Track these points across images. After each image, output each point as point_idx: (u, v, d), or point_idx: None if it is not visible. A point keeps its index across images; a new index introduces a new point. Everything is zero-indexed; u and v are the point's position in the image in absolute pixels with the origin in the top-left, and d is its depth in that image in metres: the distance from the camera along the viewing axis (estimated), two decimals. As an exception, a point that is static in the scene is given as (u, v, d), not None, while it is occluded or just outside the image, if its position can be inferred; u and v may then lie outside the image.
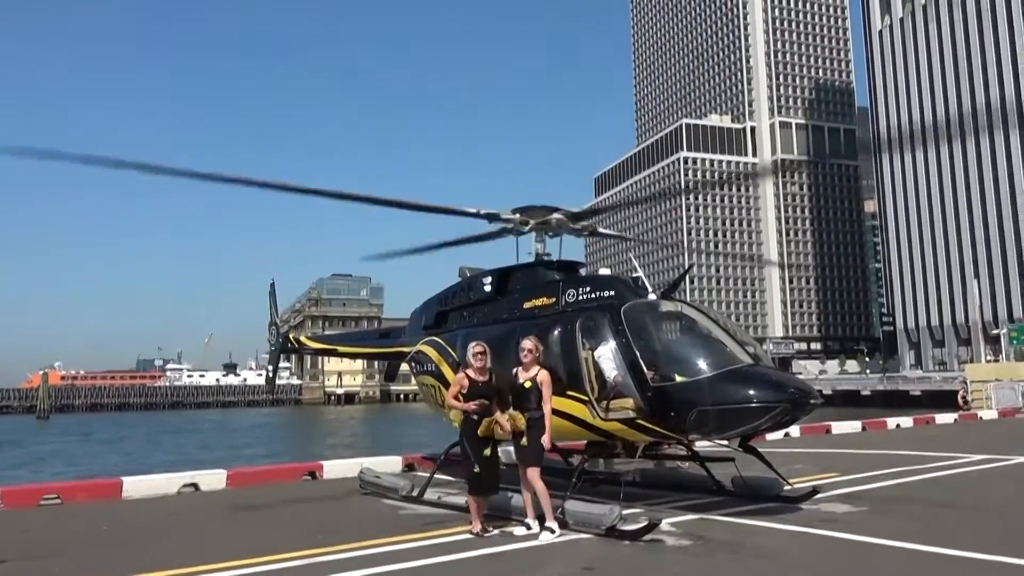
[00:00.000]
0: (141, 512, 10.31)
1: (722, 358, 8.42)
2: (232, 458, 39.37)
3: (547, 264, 10.99)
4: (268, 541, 7.88)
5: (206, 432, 66.16)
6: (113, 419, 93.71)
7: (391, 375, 15.62)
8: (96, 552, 7.81)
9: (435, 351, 11.72)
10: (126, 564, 6.96)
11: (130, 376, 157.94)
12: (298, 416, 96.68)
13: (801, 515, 8.64)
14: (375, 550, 7.38)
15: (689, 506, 9.34)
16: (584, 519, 7.91)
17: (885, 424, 22.75)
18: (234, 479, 12.41)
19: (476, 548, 7.31)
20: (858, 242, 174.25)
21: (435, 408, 12.07)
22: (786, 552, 6.96)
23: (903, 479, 11.54)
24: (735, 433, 8.50)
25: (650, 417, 8.38)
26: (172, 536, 8.65)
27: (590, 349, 9.00)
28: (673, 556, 6.88)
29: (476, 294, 11.51)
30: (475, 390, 7.96)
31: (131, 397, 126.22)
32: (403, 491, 10.38)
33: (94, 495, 11.54)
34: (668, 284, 9.55)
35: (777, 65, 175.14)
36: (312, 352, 16.52)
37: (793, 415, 8.10)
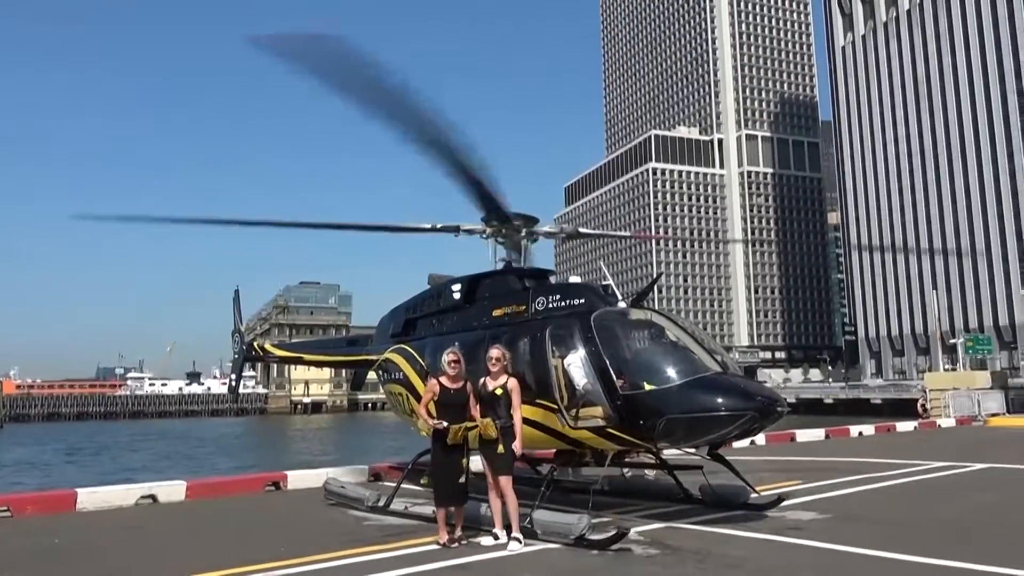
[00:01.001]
0: (96, 525, 9.98)
1: (691, 366, 8.42)
2: (194, 469, 38.59)
3: (517, 272, 10.93)
4: (229, 554, 7.67)
5: (168, 441, 64.75)
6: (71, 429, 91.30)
7: (358, 384, 15.41)
8: (47, 568, 7.52)
9: (403, 359, 11.59)
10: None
11: (89, 385, 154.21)
12: (264, 426, 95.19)
13: (767, 523, 8.67)
14: (338, 562, 7.22)
15: (657, 514, 9.31)
16: (553, 528, 7.84)
17: (848, 432, 23.06)
18: (194, 490, 12.09)
19: (442, 559, 7.19)
20: (821, 253, 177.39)
21: (403, 416, 11.95)
22: (753, 560, 6.95)
23: (867, 486, 11.67)
24: (704, 441, 8.50)
25: (619, 425, 8.34)
26: (128, 550, 8.37)
27: (560, 357, 8.95)
28: (641, 566, 6.84)
29: (445, 301, 11.41)
30: (447, 397, 7.85)
31: (90, 406, 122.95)
32: (369, 501, 10.21)
33: (46, 508, 11.13)
34: (637, 292, 9.55)
35: (744, 79, 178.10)
36: (277, 360, 16.26)
37: (761, 423, 8.13)
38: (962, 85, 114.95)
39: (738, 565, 6.76)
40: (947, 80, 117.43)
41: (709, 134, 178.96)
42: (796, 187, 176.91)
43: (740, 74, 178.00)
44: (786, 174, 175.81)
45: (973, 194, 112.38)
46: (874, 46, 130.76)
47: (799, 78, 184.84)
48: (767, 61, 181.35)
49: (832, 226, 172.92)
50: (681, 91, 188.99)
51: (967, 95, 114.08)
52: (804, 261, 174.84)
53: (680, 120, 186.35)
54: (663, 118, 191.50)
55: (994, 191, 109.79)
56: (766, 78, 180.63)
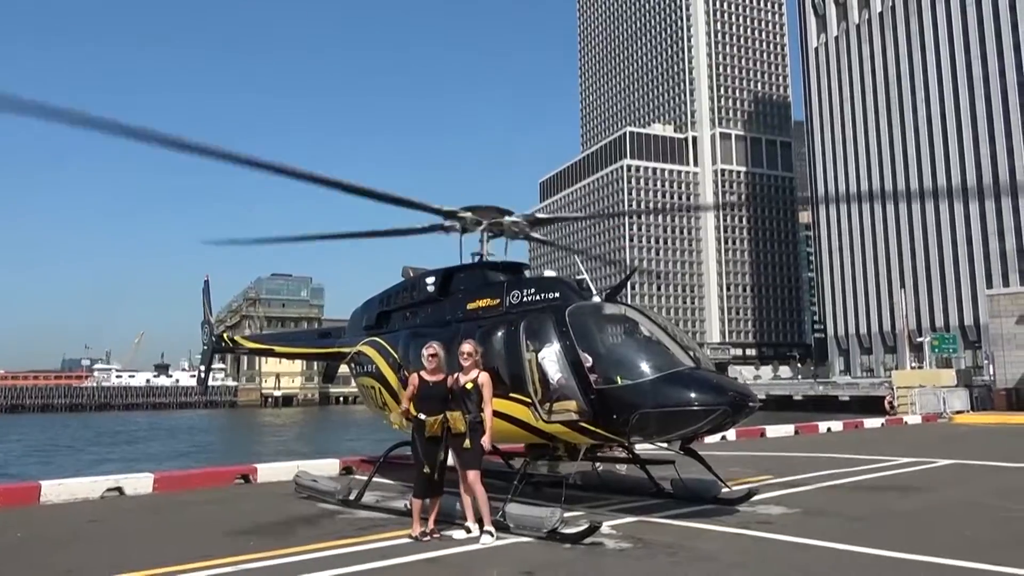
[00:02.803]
0: (60, 518, 9.78)
1: (664, 361, 8.46)
2: (161, 459, 38.03)
3: (492, 265, 10.88)
4: (197, 547, 7.55)
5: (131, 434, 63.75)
6: (35, 421, 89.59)
7: (330, 376, 15.25)
8: (7, 563, 7.34)
9: (376, 352, 11.49)
10: (49, 573, 6.56)
11: (55, 376, 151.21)
12: (233, 419, 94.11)
13: (738, 517, 8.75)
14: (309, 555, 7.14)
15: (629, 508, 9.36)
16: (525, 522, 7.84)
17: (817, 428, 23.42)
18: (161, 483, 11.92)
19: (414, 552, 7.15)
20: (792, 252, 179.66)
21: (376, 409, 11.86)
22: (724, 554, 7.00)
23: (836, 481, 11.85)
24: (676, 435, 8.55)
25: (593, 420, 8.35)
26: (94, 543, 8.21)
27: (534, 351, 8.94)
28: (613, 559, 6.86)
29: (419, 294, 11.33)
30: (427, 390, 7.81)
31: (55, 398, 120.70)
32: (340, 495, 10.14)
33: (7, 500, 10.89)
34: (611, 287, 9.57)
35: (718, 78, 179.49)
36: (247, 352, 16.04)
37: (733, 418, 8.19)
38: (932, 88, 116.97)
39: (709, 558, 6.81)
40: (918, 82, 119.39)
41: (684, 132, 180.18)
42: (768, 186, 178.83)
43: (715, 73, 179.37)
44: (759, 173, 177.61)
45: (941, 194, 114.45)
46: (847, 48, 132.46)
47: (773, 78, 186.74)
48: (741, 60, 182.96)
49: (803, 225, 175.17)
50: (656, 89, 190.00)
51: (937, 98, 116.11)
52: (775, 259, 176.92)
53: (655, 118, 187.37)
54: (638, 115, 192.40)
55: (961, 192, 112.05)
56: (740, 77, 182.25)
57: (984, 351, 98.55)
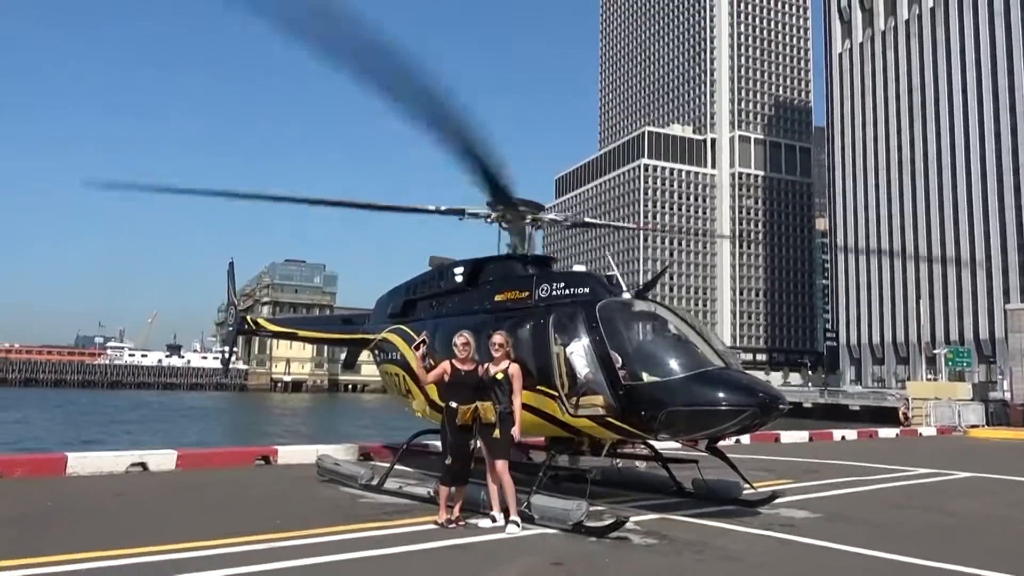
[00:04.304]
0: (87, 490, 9.91)
1: (694, 360, 8.47)
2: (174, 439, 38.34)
3: (521, 258, 10.91)
4: (226, 524, 7.65)
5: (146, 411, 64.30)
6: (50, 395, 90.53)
7: (351, 362, 15.36)
8: (40, 529, 7.46)
9: (401, 339, 11.53)
10: (74, 543, 6.66)
11: (68, 352, 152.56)
12: (244, 402, 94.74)
13: (760, 519, 8.76)
14: (337, 537, 7.23)
15: (650, 505, 9.38)
16: (550, 514, 7.88)
17: (831, 435, 23.31)
18: (184, 460, 12.06)
19: (442, 539, 7.21)
20: (807, 258, 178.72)
21: (398, 397, 11.91)
22: (750, 554, 7.02)
23: (856, 488, 11.83)
24: (704, 434, 8.57)
25: (620, 415, 8.37)
26: (125, 516, 8.33)
27: (562, 345, 8.96)
28: (640, 554, 6.89)
29: (447, 284, 11.36)
30: (458, 378, 7.86)
31: (68, 374, 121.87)
32: (363, 479, 10.22)
33: (35, 470, 11.07)
34: (642, 284, 9.58)
35: (740, 80, 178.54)
36: (270, 335, 16.15)
37: (762, 419, 8.18)
38: (956, 98, 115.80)
39: (735, 558, 6.83)
40: (941, 92, 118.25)
41: (702, 133, 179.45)
42: (786, 191, 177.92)
43: (736, 75, 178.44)
44: (777, 177, 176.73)
45: (961, 207, 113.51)
46: (871, 55, 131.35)
47: (795, 82, 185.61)
48: (764, 64, 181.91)
49: (819, 232, 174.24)
50: (677, 89, 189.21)
51: (961, 108, 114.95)
52: (790, 265, 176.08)
53: (674, 118, 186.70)
54: (657, 115, 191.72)
55: (981, 205, 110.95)
56: (762, 80, 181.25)
57: (998, 366, 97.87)
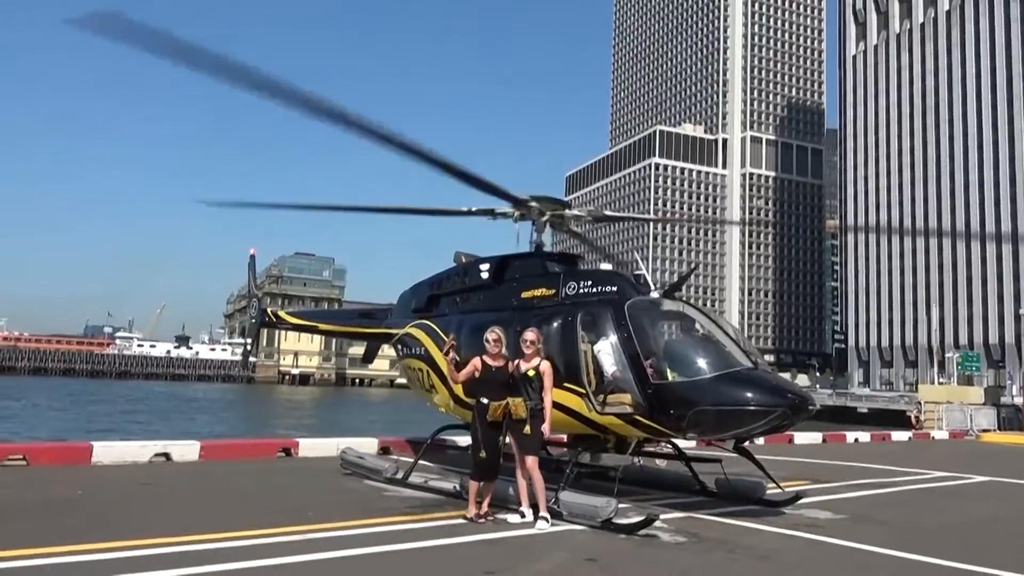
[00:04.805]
0: (114, 479, 10.01)
1: (723, 360, 8.49)
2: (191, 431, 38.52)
3: (548, 255, 10.96)
4: (258, 515, 7.72)
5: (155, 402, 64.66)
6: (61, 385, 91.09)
7: (370, 357, 15.39)
8: (75, 518, 7.55)
9: (425, 334, 11.57)
10: (109, 532, 6.72)
11: (77, 341, 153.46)
12: (253, 394, 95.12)
13: (786, 519, 8.77)
14: (369, 530, 7.28)
15: (675, 504, 9.41)
16: (578, 510, 7.91)
17: (844, 438, 23.30)
18: (207, 451, 12.15)
19: (473, 533, 7.26)
20: (817, 260, 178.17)
21: (421, 392, 11.94)
22: (780, 553, 7.04)
23: (877, 491, 11.82)
24: (732, 434, 8.59)
25: (648, 414, 8.40)
26: (156, 506, 8.41)
27: (589, 343, 9.00)
28: (672, 552, 6.92)
29: (472, 280, 11.40)
30: (489, 375, 7.91)
31: (77, 363, 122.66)
32: (387, 473, 10.27)
33: (61, 458, 11.19)
34: (670, 284, 9.61)
35: (753, 80, 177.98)
36: (290, 328, 16.21)
37: (791, 420, 8.21)
38: (971, 102, 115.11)
39: (767, 557, 6.85)
40: (955, 96, 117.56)
41: (714, 133, 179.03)
42: (797, 192, 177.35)
43: (749, 75, 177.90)
44: (788, 179, 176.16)
45: (973, 211, 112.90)
46: (885, 57, 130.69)
47: (808, 84, 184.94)
48: (777, 64, 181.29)
49: (829, 233, 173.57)
50: (689, 88, 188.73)
51: (975, 112, 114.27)
52: (799, 267, 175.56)
53: (686, 117, 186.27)
54: (669, 114, 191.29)
55: (994, 209, 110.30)
56: (775, 81, 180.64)
57: (1007, 370, 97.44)
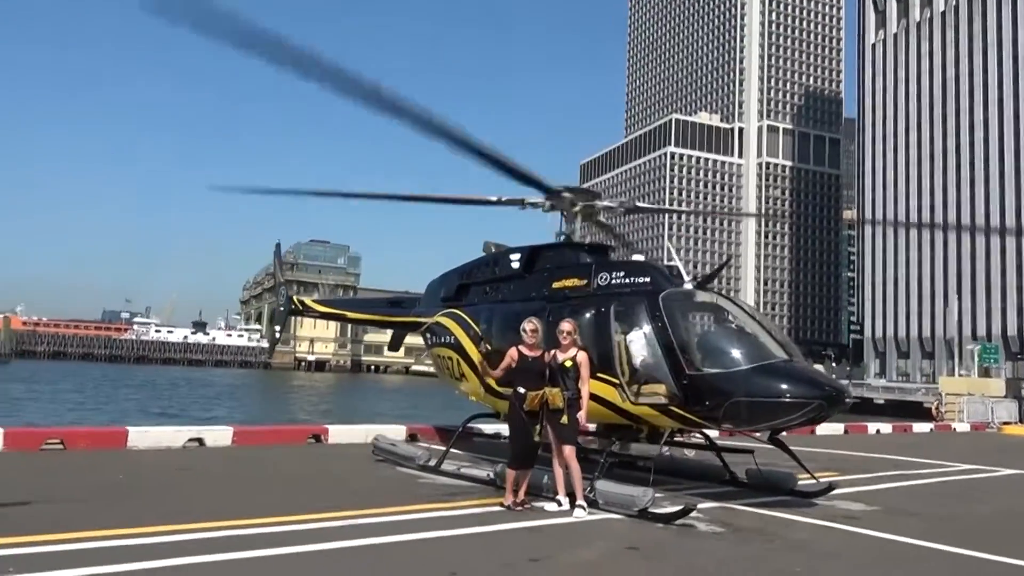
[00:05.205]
0: (152, 464, 10.17)
1: (759, 351, 8.51)
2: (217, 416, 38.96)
3: (578, 246, 11.00)
4: (297, 501, 7.84)
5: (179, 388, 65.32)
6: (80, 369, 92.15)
7: (396, 345, 15.52)
8: (122, 501, 7.70)
9: (455, 323, 11.64)
10: (153, 516, 6.84)
11: (95, 327, 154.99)
12: (270, 380, 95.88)
13: (819, 510, 8.79)
14: (408, 516, 7.36)
15: (706, 494, 9.44)
16: (615, 500, 7.97)
17: (866, 429, 23.23)
18: (240, 437, 12.32)
19: (513, 521, 7.34)
20: (834, 250, 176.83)
21: (450, 380, 12.03)
22: (818, 544, 7.07)
23: (906, 483, 11.81)
24: (767, 426, 8.62)
25: (682, 404, 8.45)
26: (197, 491, 8.54)
27: (623, 333, 9.05)
28: (711, 541, 6.97)
29: (502, 270, 11.45)
30: (525, 364, 7.97)
31: (96, 348, 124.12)
32: (420, 460, 10.38)
33: (97, 443, 11.38)
34: (703, 275, 9.62)
35: (770, 69, 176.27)
36: (318, 316, 16.35)
37: (827, 412, 8.23)
38: (991, 91, 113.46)
39: (804, 547, 6.89)
40: (977, 85, 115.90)
41: (730, 122, 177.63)
42: (813, 182, 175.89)
43: (766, 64, 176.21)
44: (805, 168, 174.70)
45: (993, 202, 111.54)
46: (905, 46, 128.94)
47: (826, 72, 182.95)
48: (795, 53, 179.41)
49: (847, 223, 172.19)
50: (705, 77, 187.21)
51: (996, 102, 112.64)
52: (816, 257, 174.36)
53: (702, 106, 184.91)
54: (685, 103, 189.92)
55: (1014, 201, 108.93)
56: (792, 70, 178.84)
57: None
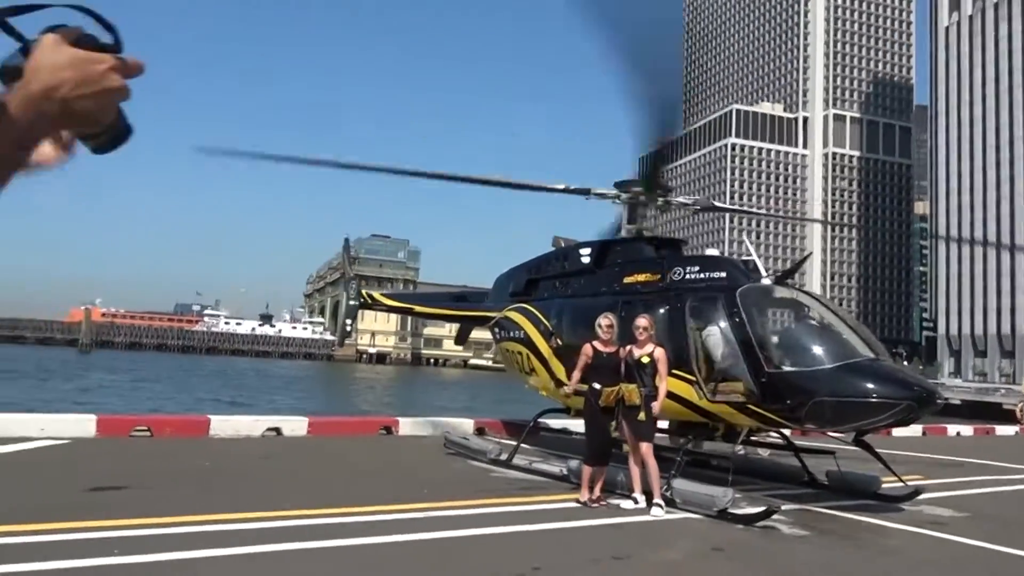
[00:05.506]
0: (235, 452, 10.50)
1: (843, 349, 8.27)
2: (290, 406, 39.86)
3: (651, 240, 10.87)
4: (378, 492, 7.96)
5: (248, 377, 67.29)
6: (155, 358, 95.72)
7: (463, 338, 15.66)
8: (212, 485, 7.96)
9: (525, 318, 11.67)
10: (243, 502, 7.05)
11: (168, 318, 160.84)
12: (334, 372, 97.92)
13: (906, 515, 8.49)
14: (487, 510, 7.42)
15: (784, 495, 9.20)
16: (694, 499, 7.85)
17: (945, 431, 22.34)
18: (315, 427, 12.62)
19: (591, 517, 7.31)
20: (905, 243, 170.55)
21: (519, 374, 12.07)
22: (910, 549, 6.85)
23: (995, 488, 11.32)
24: (852, 427, 8.38)
25: (762, 403, 8.27)
26: (281, 479, 8.75)
27: (698, 329, 8.91)
28: (797, 544, 6.81)
29: (572, 264, 11.42)
30: (600, 360, 7.93)
31: (169, 339, 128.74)
32: (491, 455, 10.42)
33: (182, 430, 11.83)
34: (783, 271, 9.39)
35: (836, 56, 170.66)
36: (386, 309, 16.59)
37: (917, 413, 7.94)
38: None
39: (897, 553, 6.67)
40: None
41: (794, 112, 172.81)
42: (883, 172, 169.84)
43: (832, 50, 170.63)
44: (873, 158, 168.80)
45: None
46: (981, 28, 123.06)
47: (895, 58, 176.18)
48: (862, 38, 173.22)
49: (919, 216, 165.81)
50: (767, 65, 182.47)
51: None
52: (885, 250, 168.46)
53: (764, 95, 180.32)
54: (746, 93, 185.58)
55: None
56: (860, 56, 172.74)
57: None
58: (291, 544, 5.68)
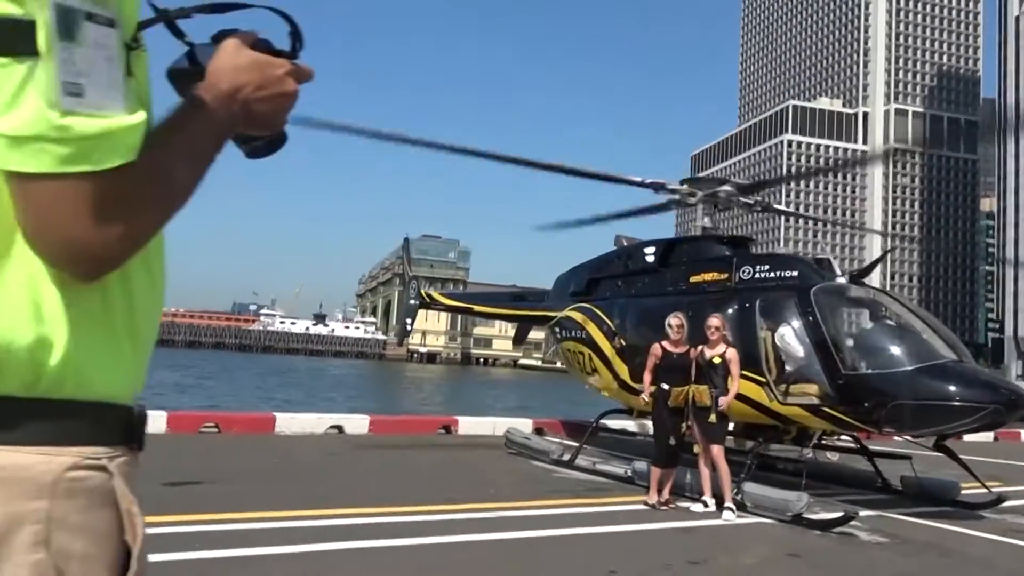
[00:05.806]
0: (301, 449, 10.65)
1: (925, 351, 7.97)
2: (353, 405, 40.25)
3: (718, 238, 10.67)
4: (445, 490, 7.97)
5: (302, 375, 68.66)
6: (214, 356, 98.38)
7: (522, 338, 15.65)
8: (285, 482, 8.09)
9: (587, 318, 11.56)
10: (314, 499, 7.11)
11: (225, 318, 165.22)
12: (386, 371, 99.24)
13: (989, 523, 8.13)
14: (555, 511, 7.37)
15: (859, 501, 8.90)
16: (766, 503, 7.67)
17: (1019, 436, 21.40)
18: (376, 426, 12.75)
19: (661, 520, 7.20)
20: (970, 241, 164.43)
21: (580, 375, 11.97)
22: (999, 560, 6.55)
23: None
24: (934, 431, 8.07)
25: (837, 406, 8.03)
26: (348, 476, 8.86)
27: (770, 330, 8.70)
28: (877, 552, 6.58)
29: (636, 264, 11.28)
30: (670, 361, 7.81)
31: (227, 338, 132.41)
32: (554, 455, 10.38)
33: (249, 427, 12.06)
34: (859, 268, 9.11)
35: (898, 48, 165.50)
36: (444, 309, 16.65)
37: (1005, 418, 7.60)
38: None
39: (986, 564, 6.40)
40: None
41: (853, 107, 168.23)
42: (947, 168, 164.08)
43: (894, 42, 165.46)
44: (937, 154, 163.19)
45: None
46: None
47: (961, 50, 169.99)
48: (926, 29, 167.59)
49: (985, 213, 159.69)
50: (825, 59, 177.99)
51: None
52: (950, 249, 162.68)
53: (822, 91, 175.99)
54: (803, 88, 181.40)
55: None
56: (923, 48, 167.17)
57: None
58: (366, 542, 5.72)
